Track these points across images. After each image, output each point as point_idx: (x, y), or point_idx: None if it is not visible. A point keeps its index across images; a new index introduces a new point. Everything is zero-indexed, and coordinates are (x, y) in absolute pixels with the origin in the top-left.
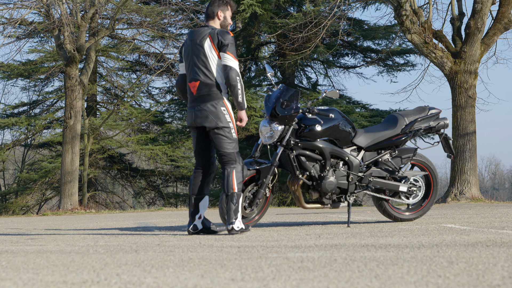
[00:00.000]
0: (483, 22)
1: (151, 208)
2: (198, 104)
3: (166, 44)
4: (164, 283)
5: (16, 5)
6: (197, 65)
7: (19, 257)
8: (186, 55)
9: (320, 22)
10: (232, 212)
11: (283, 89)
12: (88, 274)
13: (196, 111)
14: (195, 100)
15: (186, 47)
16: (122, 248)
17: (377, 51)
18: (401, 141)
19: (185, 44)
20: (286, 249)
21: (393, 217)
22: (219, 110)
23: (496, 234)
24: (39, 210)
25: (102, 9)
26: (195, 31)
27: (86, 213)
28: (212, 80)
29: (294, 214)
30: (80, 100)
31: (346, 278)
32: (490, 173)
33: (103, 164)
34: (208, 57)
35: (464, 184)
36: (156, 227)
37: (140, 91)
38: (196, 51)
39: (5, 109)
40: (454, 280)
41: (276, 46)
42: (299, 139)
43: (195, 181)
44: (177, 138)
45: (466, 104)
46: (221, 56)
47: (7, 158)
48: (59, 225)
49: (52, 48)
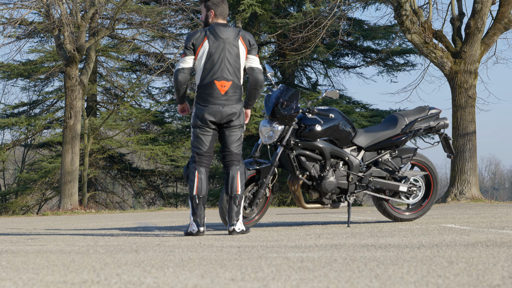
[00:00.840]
0: (483, 22)
1: (151, 208)
2: (227, 103)
3: (166, 44)
4: (164, 283)
5: (16, 5)
6: (232, 65)
7: (19, 257)
8: (215, 51)
9: (320, 22)
10: (234, 214)
11: (283, 89)
12: (88, 274)
13: (226, 108)
14: (221, 99)
15: (215, 43)
16: (122, 248)
17: (377, 51)
18: (401, 141)
19: (209, 39)
20: (286, 249)
21: (393, 217)
22: (243, 112)
23: (496, 234)
24: (39, 210)
25: (102, 9)
26: (222, 28)
27: (86, 213)
28: (241, 82)
29: (294, 214)
30: (80, 100)
31: (346, 278)
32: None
33: (103, 164)
34: (241, 58)
35: (464, 184)
36: (156, 227)
37: (140, 91)
38: (231, 51)
39: (5, 109)
40: (454, 280)
41: (276, 46)
42: (299, 139)
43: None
44: (177, 138)
45: (466, 104)
46: (250, 57)
47: (7, 158)
48: (59, 225)
49: (52, 48)
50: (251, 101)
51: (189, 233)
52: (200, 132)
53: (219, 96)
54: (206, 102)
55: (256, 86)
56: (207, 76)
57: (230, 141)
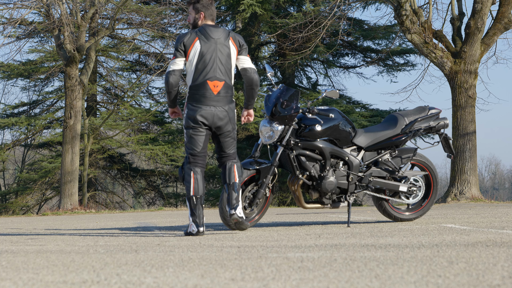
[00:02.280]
0: (483, 22)
1: (151, 208)
2: (218, 104)
3: (166, 44)
4: (164, 283)
5: (16, 5)
6: (224, 65)
7: (19, 257)
8: (207, 52)
9: (320, 22)
10: (234, 199)
11: (283, 89)
12: (88, 274)
13: (217, 111)
14: (213, 100)
15: (206, 43)
16: (122, 248)
17: (377, 51)
18: (401, 141)
19: (200, 39)
20: (286, 249)
21: (393, 217)
22: (234, 113)
23: (496, 234)
24: (39, 210)
25: (102, 9)
26: (212, 29)
27: (86, 213)
28: (232, 82)
29: (294, 214)
30: (80, 100)
31: (346, 278)
32: (490, 173)
33: (103, 164)
34: (232, 59)
35: (464, 184)
36: (156, 227)
37: (140, 91)
38: (223, 51)
39: (5, 109)
40: (454, 280)
41: (276, 46)
42: (299, 139)
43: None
44: (177, 138)
45: (466, 104)
46: (241, 58)
47: (7, 158)
48: (59, 225)
49: (52, 48)
50: (250, 102)
51: (189, 234)
52: (193, 133)
53: (212, 96)
54: (199, 102)
55: (252, 85)
56: (199, 77)
57: (225, 146)
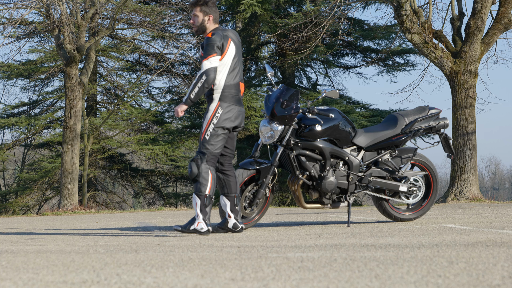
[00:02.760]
0: (483, 22)
1: (151, 208)
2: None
3: (166, 44)
4: (164, 283)
5: (16, 5)
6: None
7: (19, 257)
8: (238, 53)
9: (320, 22)
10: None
11: (283, 89)
12: (88, 274)
13: (243, 112)
14: (241, 101)
15: (236, 45)
16: (122, 248)
17: (377, 51)
18: (401, 141)
19: (232, 40)
20: (286, 249)
21: (393, 217)
22: None
23: (496, 234)
24: (39, 210)
25: (102, 9)
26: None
27: (86, 213)
28: None
29: (294, 214)
30: (80, 100)
31: (346, 278)
32: (490, 173)
33: (103, 164)
34: None
35: (464, 184)
36: (156, 227)
37: (140, 91)
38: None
39: (5, 109)
40: (454, 280)
41: (276, 46)
42: (299, 139)
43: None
44: (177, 138)
45: (466, 104)
46: None
47: (7, 158)
48: (59, 225)
49: (52, 48)
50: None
51: (193, 231)
52: (224, 134)
53: (240, 97)
54: (235, 103)
55: None
56: (236, 77)
57: (234, 144)
